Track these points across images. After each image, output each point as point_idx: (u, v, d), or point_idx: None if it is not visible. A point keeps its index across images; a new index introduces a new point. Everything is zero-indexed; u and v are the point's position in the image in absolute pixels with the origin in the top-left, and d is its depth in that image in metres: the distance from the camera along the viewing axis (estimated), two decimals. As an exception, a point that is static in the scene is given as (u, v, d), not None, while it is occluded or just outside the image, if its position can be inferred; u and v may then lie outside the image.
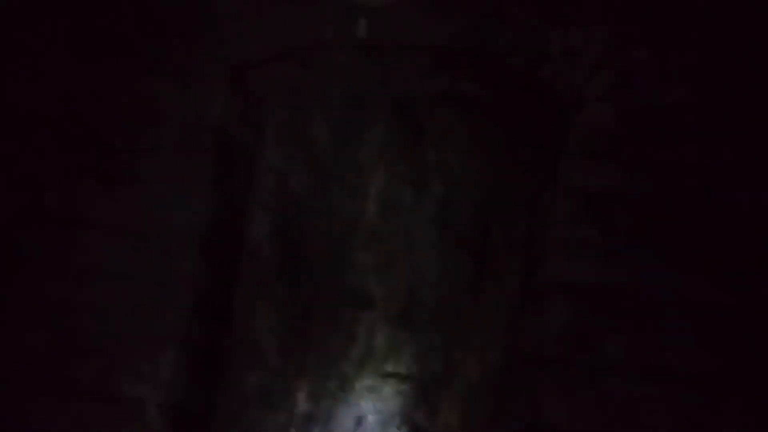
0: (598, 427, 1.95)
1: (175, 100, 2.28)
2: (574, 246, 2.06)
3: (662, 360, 1.98)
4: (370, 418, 2.11)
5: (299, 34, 2.26)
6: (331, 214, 2.27)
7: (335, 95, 2.31)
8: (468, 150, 2.25)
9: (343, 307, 2.21)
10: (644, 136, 2.12)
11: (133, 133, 2.28)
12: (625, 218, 2.07)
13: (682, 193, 2.07)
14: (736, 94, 2.09)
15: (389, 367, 2.14)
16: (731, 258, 2.00)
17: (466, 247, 2.21)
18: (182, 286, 2.22)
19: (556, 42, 2.17)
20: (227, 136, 2.32)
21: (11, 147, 2.28)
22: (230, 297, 2.31)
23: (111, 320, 2.21)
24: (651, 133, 2.12)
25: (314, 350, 2.19)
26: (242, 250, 2.32)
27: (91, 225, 2.24)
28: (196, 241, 2.24)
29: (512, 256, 2.20)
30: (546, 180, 2.22)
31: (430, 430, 2.09)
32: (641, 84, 2.13)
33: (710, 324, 1.98)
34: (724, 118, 2.08)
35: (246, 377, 2.23)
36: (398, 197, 2.25)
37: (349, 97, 2.30)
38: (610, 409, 1.96)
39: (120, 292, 2.22)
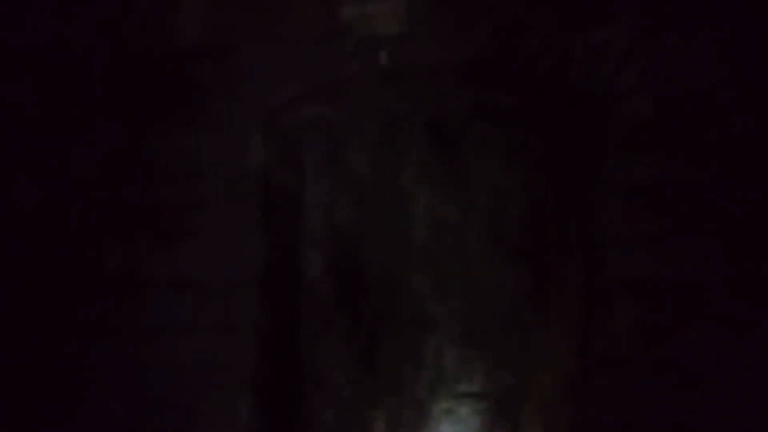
0: (687, 422, 1.91)
1: (216, 151, 2.32)
2: (632, 242, 2.04)
3: (739, 349, 1.94)
4: (451, 441, 2.12)
5: (326, 71, 2.28)
6: (381, 240, 2.29)
7: (369, 125, 2.34)
8: (508, 159, 2.24)
9: (406, 332, 2.22)
10: (686, 120, 2.09)
11: (180, 187, 2.33)
12: (679, 207, 2.04)
13: (732, 175, 2.03)
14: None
15: (462, 387, 2.14)
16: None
17: (521, 256, 2.20)
18: (247, 331, 2.26)
19: (581, 41, 2.16)
20: (269, 179, 2.35)
21: (67, 213, 2.35)
22: (295, 336, 2.35)
23: (183, 373, 2.25)
24: (692, 117, 2.09)
25: (384, 378, 2.21)
26: (300, 288, 2.35)
27: (152, 282, 2.29)
28: (253, 285, 2.28)
29: (570, 260, 2.19)
30: (593, 178, 2.20)
31: (513, 445, 2.08)
32: (675, 70, 2.10)
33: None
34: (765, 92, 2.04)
35: (321, 413, 2.25)
36: (445, 215, 2.26)
37: (382, 124, 2.32)
38: (694, 403, 1.93)
39: (188, 344, 2.26)
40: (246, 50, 2.30)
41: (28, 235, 2.38)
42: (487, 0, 2.16)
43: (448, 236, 2.25)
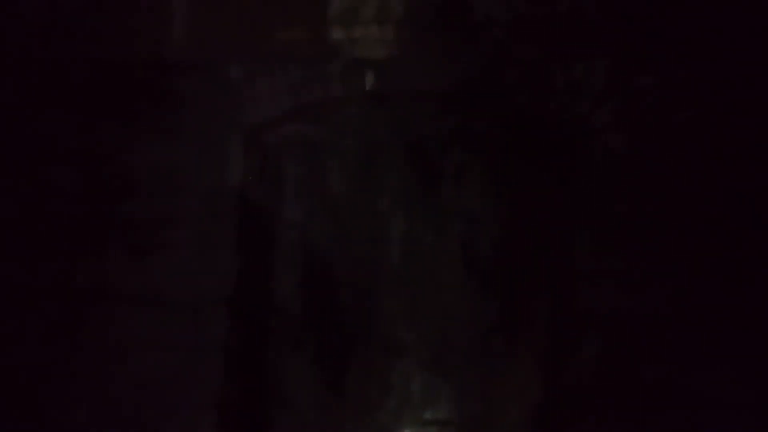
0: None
1: (195, 166, 2.31)
2: (599, 276, 2.07)
3: (702, 385, 1.97)
4: (413, 467, 2.10)
5: (310, 91, 2.30)
6: (355, 263, 2.29)
7: (349, 146, 2.35)
8: (484, 188, 2.27)
9: (375, 356, 2.21)
10: (656, 159, 2.14)
11: (156, 201, 2.31)
12: (645, 243, 2.08)
13: (699, 215, 2.08)
14: (744, 108, 2.12)
15: (428, 414, 2.14)
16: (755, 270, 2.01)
17: (492, 285, 2.22)
18: (214, 349, 2.23)
19: (560, 77, 2.21)
20: (246, 196, 2.35)
21: (39, 224, 2.31)
22: (263, 356, 2.32)
23: (149, 389, 2.21)
24: (663, 157, 2.14)
25: (351, 402, 2.19)
26: (270, 307, 2.34)
27: (121, 297, 2.26)
28: (224, 303, 2.26)
29: (538, 291, 2.21)
30: (564, 210, 2.24)
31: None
32: (648, 108, 2.16)
33: (747, 343, 1.98)
34: (736, 131, 2.11)
35: (285, 435, 2.23)
36: (420, 240, 2.27)
37: (362, 146, 2.34)
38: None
39: (155, 360, 2.23)
40: (231, 66, 2.31)
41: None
42: (471, 30, 2.21)
43: (421, 261, 2.26)
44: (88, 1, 2.34)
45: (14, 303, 2.29)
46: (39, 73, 2.37)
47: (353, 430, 2.17)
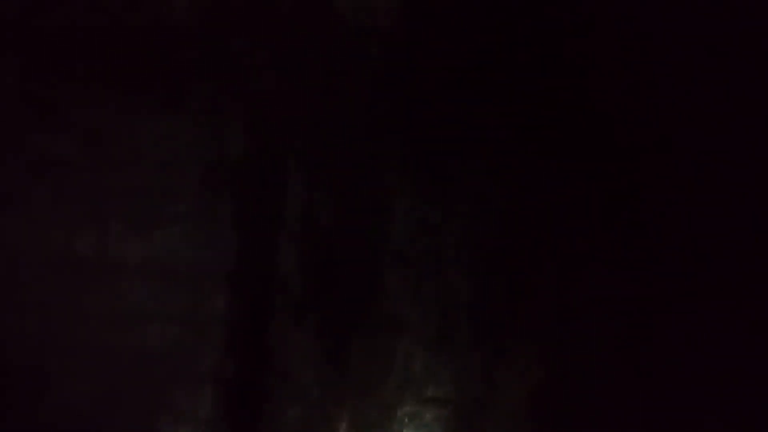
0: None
1: (195, 138, 2.28)
2: (601, 258, 2.04)
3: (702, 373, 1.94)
4: (413, 445, 2.10)
5: (315, 62, 2.25)
6: (359, 239, 2.26)
7: (354, 120, 2.31)
8: (491, 166, 2.23)
9: (377, 333, 2.20)
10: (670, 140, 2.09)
11: (157, 174, 2.29)
12: (658, 233, 2.04)
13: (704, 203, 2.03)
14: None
15: (429, 392, 2.13)
16: None
17: (496, 264, 2.19)
18: (214, 322, 2.22)
19: (570, 52, 2.14)
20: (249, 170, 2.32)
21: (41, 193, 2.30)
22: (264, 330, 2.31)
23: (149, 363, 2.21)
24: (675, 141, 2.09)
25: (352, 379, 2.18)
26: (273, 282, 2.32)
27: (122, 268, 2.25)
28: (225, 277, 2.24)
29: (542, 272, 2.18)
30: (568, 191, 2.19)
31: (475, 453, 2.07)
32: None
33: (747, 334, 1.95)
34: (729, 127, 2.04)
35: (286, 410, 2.22)
36: (425, 218, 2.24)
37: (368, 120, 2.30)
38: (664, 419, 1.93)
39: (155, 333, 2.22)
40: (234, 36, 2.26)
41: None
42: (484, 6, 2.15)
43: (425, 239, 2.23)
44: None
45: (13, 273, 2.28)
46: (39, 41, 2.33)
47: (354, 406, 2.17)
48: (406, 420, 2.12)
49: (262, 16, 2.24)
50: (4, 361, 2.24)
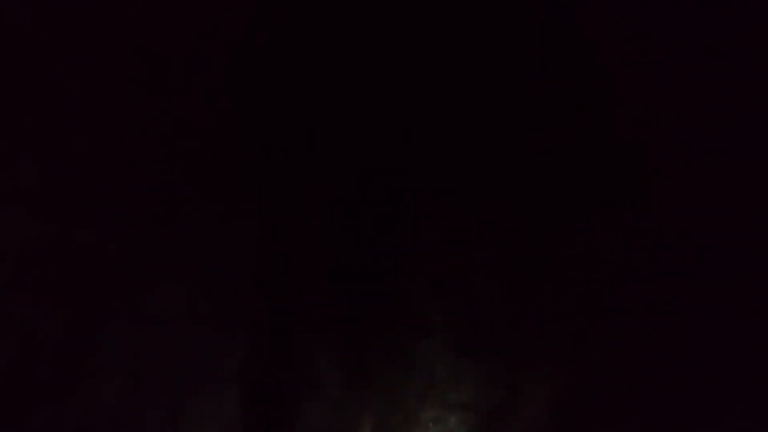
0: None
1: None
2: (625, 265, 2.02)
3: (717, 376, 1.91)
4: (436, 450, 2.09)
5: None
6: (384, 240, 2.26)
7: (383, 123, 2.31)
8: (517, 169, 2.22)
9: (401, 337, 2.19)
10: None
11: (186, 174, 2.30)
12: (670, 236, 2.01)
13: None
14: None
15: (453, 397, 2.12)
16: None
17: (522, 268, 2.18)
18: (241, 325, 2.23)
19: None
20: (274, 170, 2.32)
21: (70, 189, 2.31)
22: (290, 332, 2.32)
23: (174, 364, 2.22)
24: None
25: (376, 382, 2.18)
26: (299, 284, 2.33)
27: (153, 270, 2.26)
28: (251, 278, 2.25)
29: (567, 277, 2.16)
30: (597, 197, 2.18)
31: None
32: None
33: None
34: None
35: (309, 412, 2.23)
36: (450, 221, 2.23)
37: (399, 122, 2.29)
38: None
39: (181, 334, 2.23)
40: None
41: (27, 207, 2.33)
42: None
43: (450, 243, 2.22)
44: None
45: (45, 271, 2.30)
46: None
47: (376, 409, 2.16)
48: (430, 424, 2.12)
49: None
50: (32, 359, 2.27)
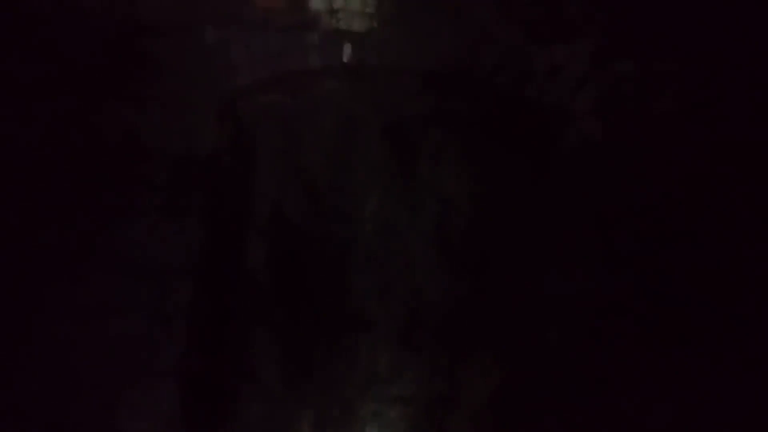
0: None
1: (165, 132, 2.27)
2: (568, 261, 2.07)
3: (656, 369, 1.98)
4: (376, 444, 2.09)
5: (287, 62, 2.27)
6: (328, 239, 2.27)
7: (326, 120, 2.32)
8: (462, 168, 2.26)
9: (343, 332, 2.19)
10: (632, 148, 2.15)
11: (125, 166, 2.27)
12: (620, 229, 2.08)
13: (672, 203, 2.09)
14: (722, 102, 2.13)
15: (394, 391, 2.13)
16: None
17: (464, 266, 2.21)
18: (178, 318, 2.20)
19: (540, 60, 2.20)
20: (218, 166, 2.31)
21: (5, 183, 2.26)
22: (228, 327, 2.29)
23: (110, 357, 2.18)
24: (639, 145, 2.15)
25: (316, 377, 2.17)
26: (239, 279, 2.31)
27: (88, 259, 2.22)
28: (190, 272, 2.23)
29: (509, 274, 2.20)
30: (541, 195, 2.23)
31: (439, 453, 2.07)
32: (628, 96, 2.16)
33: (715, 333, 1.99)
34: (711, 127, 2.12)
35: (248, 408, 2.20)
36: (394, 219, 2.25)
37: (339, 121, 2.31)
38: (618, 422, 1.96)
39: (117, 327, 2.19)
40: (207, 32, 2.27)
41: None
42: (454, 8, 2.19)
43: (394, 239, 2.24)
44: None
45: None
46: (5, 30, 2.31)
47: (316, 404, 2.15)
48: (370, 418, 2.12)
49: (236, 13, 2.25)
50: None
